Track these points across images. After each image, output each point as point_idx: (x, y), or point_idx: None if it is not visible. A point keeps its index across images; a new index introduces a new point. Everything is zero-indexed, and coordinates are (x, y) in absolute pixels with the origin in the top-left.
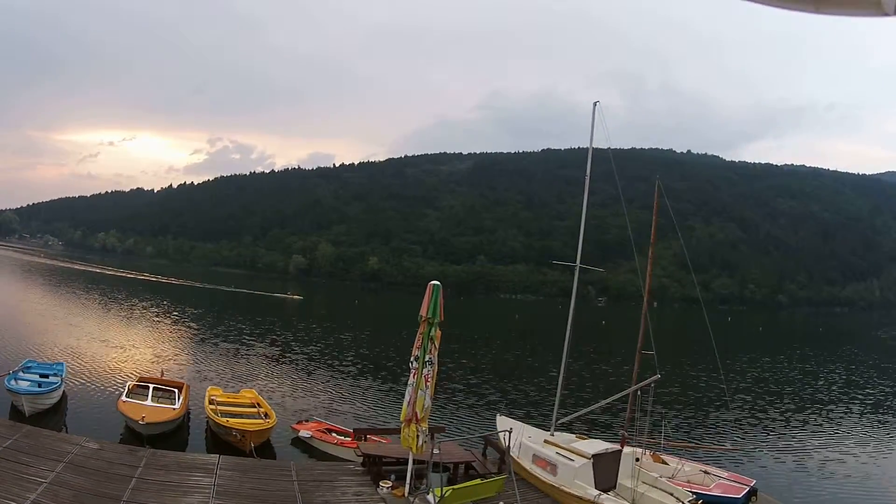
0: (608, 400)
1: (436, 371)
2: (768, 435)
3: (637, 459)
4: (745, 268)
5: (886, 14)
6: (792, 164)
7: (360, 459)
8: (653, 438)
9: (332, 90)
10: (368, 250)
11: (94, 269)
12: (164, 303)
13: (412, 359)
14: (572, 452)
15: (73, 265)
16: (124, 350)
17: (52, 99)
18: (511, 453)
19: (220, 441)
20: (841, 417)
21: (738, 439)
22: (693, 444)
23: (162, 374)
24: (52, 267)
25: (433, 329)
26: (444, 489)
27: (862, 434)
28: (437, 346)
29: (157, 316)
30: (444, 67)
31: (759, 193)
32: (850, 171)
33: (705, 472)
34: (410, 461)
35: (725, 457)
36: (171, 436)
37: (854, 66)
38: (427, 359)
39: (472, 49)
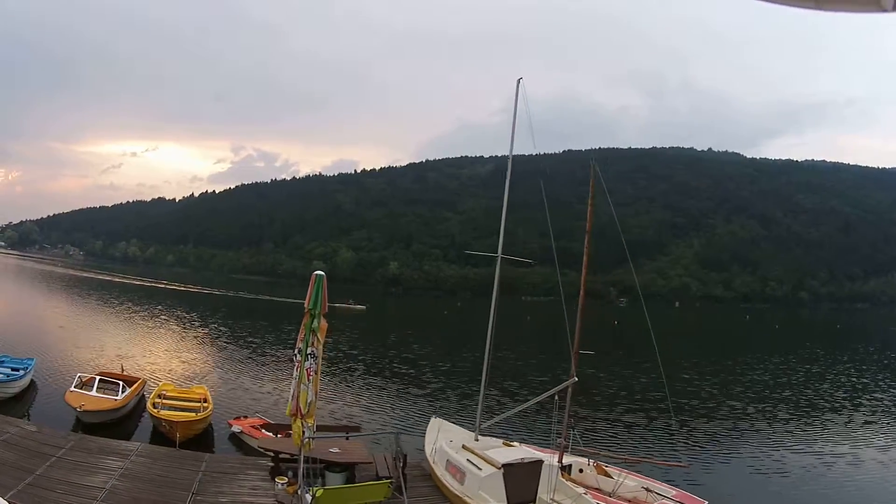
0: (525, 405)
1: (320, 364)
2: (735, 449)
3: (581, 470)
4: (766, 265)
5: (885, 10)
6: (812, 160)
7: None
8: (593, 449)
9: (354, 97)
10: (389, 255)
11: (102, 277)
12: (180, 310)
13: (295, 351)
14: (483, 460)
15: (83, 273)
16: (105, 350)
17: (73, 110)
18: (430, 457)
19: (157, 432)
20: (836, 430)
21: (718, 453)
22: (633, 458)
23: (122, 370)
24: (65, 275)
25: (316, 321)
26: (316, 489)
27: (856, 451)
28: (322, 339)
29: (159, 321)
30: (465, 71)
31: (779, 190)
32: (870, 166)
33: (647, 490)
34: (301, 458)
35: (679, 473)
36: (114, 426)
37: (873, 60)
38: (310, 351)
39: (492, 52)
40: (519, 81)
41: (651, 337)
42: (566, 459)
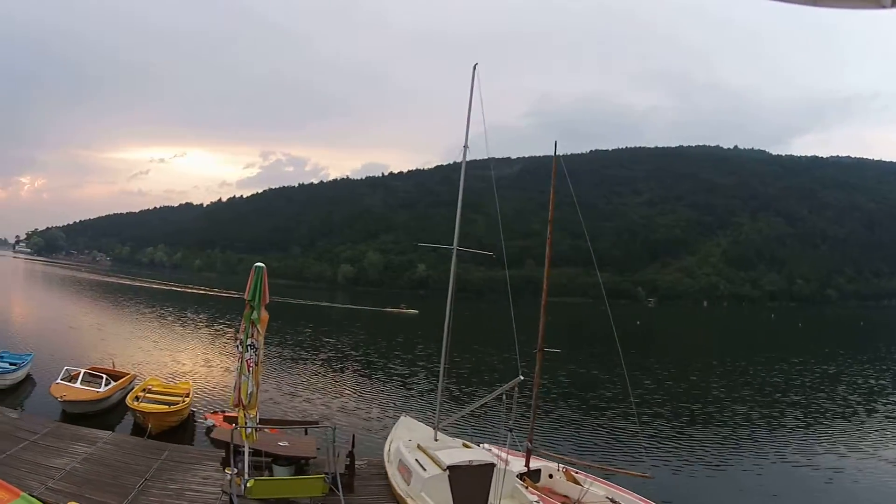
0: (475, 404)
1: (261, 356)
2: (726, 460)
3: (551, 476)
4: (793, 263)
5: (883, 6)
6: (837, 156)
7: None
8: (561, 456)
9: (382, 101)
10: (416, 258)
11: (125, 282)
12: (197, 313)
13: (237, 343)
14: (431, 461)
15: (107, 278)
16: (110, 348)
17: (99, 119)
18: (385, 455)
19: (136, 424)
20: (844, 440)
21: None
22: (598, 465)
23: (113, 366)
24: (88, 280)
25: (255, 313)
26: (249, 479)
27: (861, 466)
28: (262, 331)
29: (172, 322)
30: (493, 73)
31: (805, 186)
32: (895, 161)
33: (611, 501)
34: (246, 450)
35: (657, 484)
36: (96, 417)
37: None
38: (249, 343)
39: (519, 54)
40: (475, 67)
41: (615, 339)
42: (537, 464)
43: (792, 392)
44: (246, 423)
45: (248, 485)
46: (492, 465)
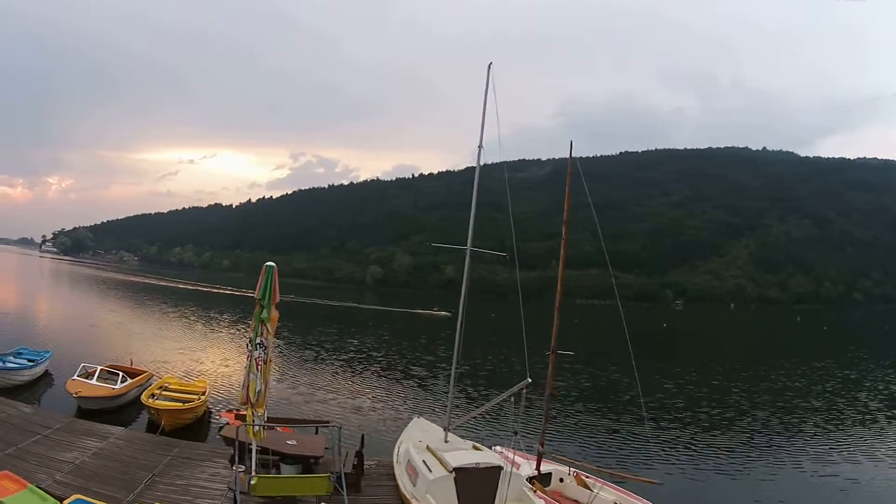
0: (485, 406)
1: (270, 354)
2: (742, 468)
3: (561, 479)
4: (820, 266)
5: None
6: (864, 158)
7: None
8: (572, 460)
9: (413, 103)
10: (443, 259)
11: (151, 281)
12: (222, 313)
13: (248, 342)
14: (438, 462)
15: (133, 277)
16: (130, 346)
17: (128, 120)
18: (395, 456)
19: (151, 421)
20: (862, 448)
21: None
22: (607, 470)
23: (131, 363)
24: (113, 279)
25: (265, 311)
26: (253, 476)
27: (879, 474)
28: (272, 330)
29: (196, 322)
30: (521, 77)
31: (832, 188)
32: None
33: None
34: (254, 447)
35: (668, 490)
36: (111, 413)
37: None
38: (259, 341)
39: (548, 55)
40: (489, 66)
41: (627, 340)
42: (548, 467)
43: (812, 397)
44: (254, 421)
45: (252, 482)
46: (498, 468)
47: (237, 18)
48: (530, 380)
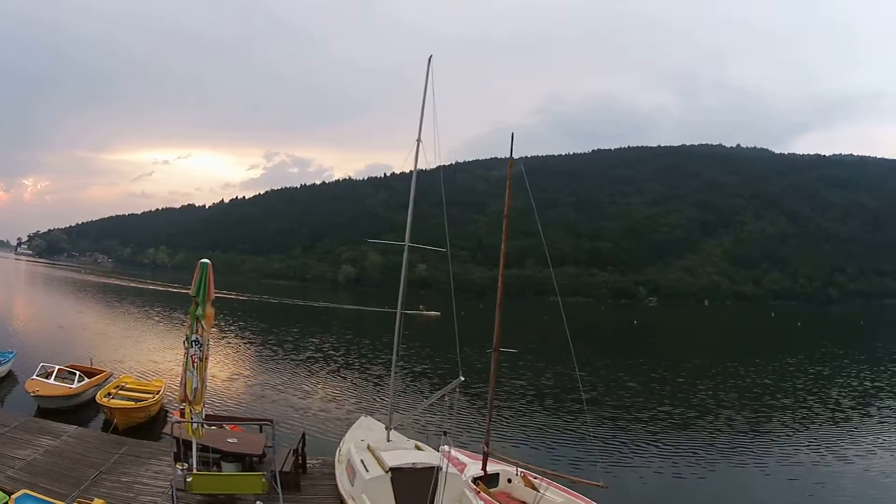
0: (422, 405)
1: (206, 352)
2: (700, 469)
3: (509, 480)
4: (796, 262)
5: None
6: (840, 154)
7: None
8: (517, 461)
9: (390, 103)
10: (417, 258)
11: (124, 283)
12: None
13: (184, 339)
14: (376, 462)
15: (106, 279)
16: (94, 348)
17: (104, 121)
18: (337, 455)
19: (107, 419)
20: (833, 448)
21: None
22: (552, 472)
23: (91, 363)
24: (87, 281)
25: (199, 308)
26: (190, 474)
27: (845, 475)
28: (208, 327)
29: (162, 322)
30: (502, 76)
31: (808, 185)
32: None
33: None
34: (194, 445)
35: (601, 492)
36: (69, 412)
37: None
38: (194, 338)
39: (529, 55)
40: (430, 59)
41: (567, 336)
42: (496, 467)
43: (782, 395)
44: (192, 419)
45: (189, 479)
46: (434, 469)
47: (215, 17)
48: (463, 378)
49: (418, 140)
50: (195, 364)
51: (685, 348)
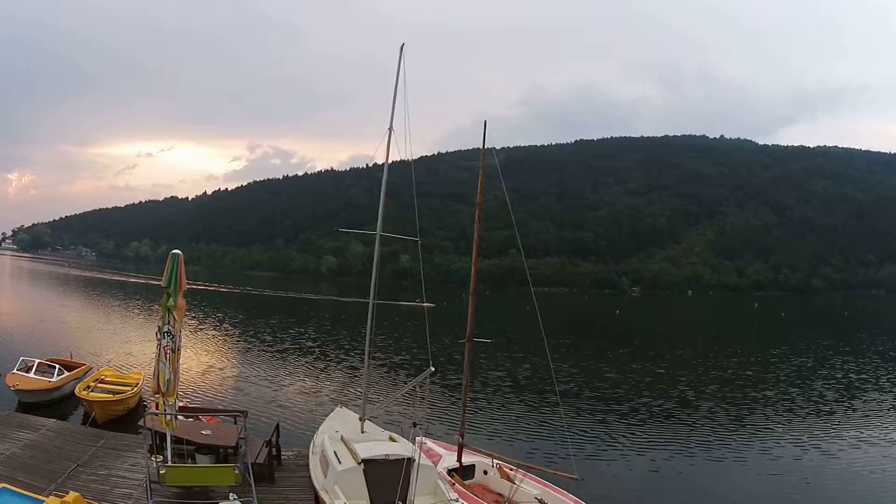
0: (394, 395)
1: (178, 343)
2: (677, 463)
3: (485, 472)
4: (779, 252)
5: None
6: (825, 146)
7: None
8: (492, 452)
9: (372, 93)
10: (400, 248)
11: (107, 276)
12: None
13: (157, 331)
14: (349, 453)
15: (89, 273)
16: (75, 341)
17: (88, 114)
18: (311, 447)
19: (86, 412)
20: (815, 442)
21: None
22: (527, 464)
23: (70, 357)
24: (70, 275)
25: (171, 300)
26: (164, 466)
27: (825, 471)
28: (179, 318)
29: (142, 315)
30: (485, 66)
31: (792, 176)
32: (883, 151)
33: (540, 501)
34: (168, 437)
35: (577, 484)
36: (50, 406)
37: (887, 46)
38: (166, 330)
39: (512, 46)
40: (402, 47)
41: (540, 325)
42: (472, 459)
43: (764, 386)
44: (165, 411)
45: (162, 471)
46: (407, 460)
47: (197, 9)
48: (433, 369)
49: (390, 129)
50: (167, 356)
51: (667, 338)
